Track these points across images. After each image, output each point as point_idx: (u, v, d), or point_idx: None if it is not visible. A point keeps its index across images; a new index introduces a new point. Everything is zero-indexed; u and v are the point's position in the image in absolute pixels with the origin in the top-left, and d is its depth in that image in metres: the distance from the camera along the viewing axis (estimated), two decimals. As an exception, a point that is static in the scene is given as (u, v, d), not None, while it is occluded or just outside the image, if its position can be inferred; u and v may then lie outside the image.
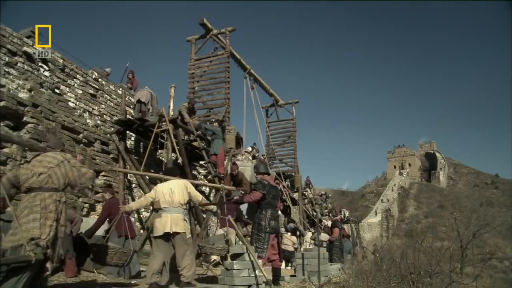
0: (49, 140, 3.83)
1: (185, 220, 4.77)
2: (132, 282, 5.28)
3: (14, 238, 2.89)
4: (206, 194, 11.26)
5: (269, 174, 5.65)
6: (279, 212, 6.44)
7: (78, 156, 4.36)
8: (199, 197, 4.98)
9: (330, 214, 14.50)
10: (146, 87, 9.02)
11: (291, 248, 10.01)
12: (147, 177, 8.85)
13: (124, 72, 10.57)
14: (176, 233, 4.50)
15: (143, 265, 6.66)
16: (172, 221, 4.50)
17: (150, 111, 8.69)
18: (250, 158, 14.39)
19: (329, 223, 13.13)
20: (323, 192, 22.09)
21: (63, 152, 3.49)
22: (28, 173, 3.10)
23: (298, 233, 11.92)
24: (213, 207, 6.34)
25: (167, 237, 4.55)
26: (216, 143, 9.61)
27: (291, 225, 11.03)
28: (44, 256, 2.93)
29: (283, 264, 9.96)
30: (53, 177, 3.18)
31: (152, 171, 9.41)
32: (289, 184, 16.01)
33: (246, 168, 11.03)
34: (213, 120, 10.68)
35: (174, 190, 4.66)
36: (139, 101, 8.58)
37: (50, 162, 3.23)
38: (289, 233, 10.78)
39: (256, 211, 5.41)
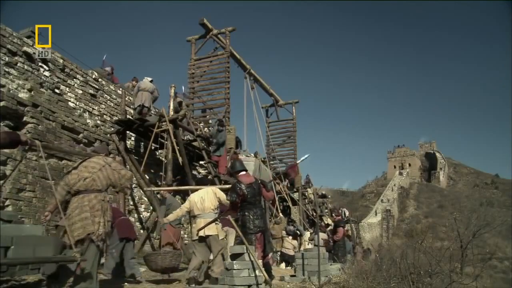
0: (96, 147, 4.37)
1: (216, 223, 5.38)
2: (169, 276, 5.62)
3: (73, 233, 3.33)
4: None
5: (246, 171, 5.41)
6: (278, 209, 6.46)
7: (116, 158, 4.69)
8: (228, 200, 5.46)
9: (333, 214, 14.50)
10: (149, 78, 9.04)
11: (291, 252, 9.98)
12: (147, 177, 8.86)
13: (102, 65, 9.98)
14: (209, 236, 5.22)
15: (143, 265, 6.67)
16: (203, 224, 5.19)
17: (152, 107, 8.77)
18: (252, 154, 14.38)
19: (326, 223, 13.16)
20: (323, 192, 22.08)
21: (105, 157, 3.91)
22: (75, 178, 3.53)
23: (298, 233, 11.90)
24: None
25: (203, 239, 5.26)
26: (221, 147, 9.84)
27: (291, 228, 10.99)
28: (97, 248, 3.40)
29: (283, 265, 9.97)
30: (97, 180, 3.59)
31: (152, 171, 9.43)
32: (288, 184, 16.00)
33: (249, 163, 11.06)
34: (216, 123, 10.63)
35: (204, 198, 5.36)
36: (141, 105, 8.65)
37: (93, 167, 3.63)
38: (290, 237, 10.75)
39: (239, 213, 5.21)
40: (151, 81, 8.99)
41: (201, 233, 5.20)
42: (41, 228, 4.33)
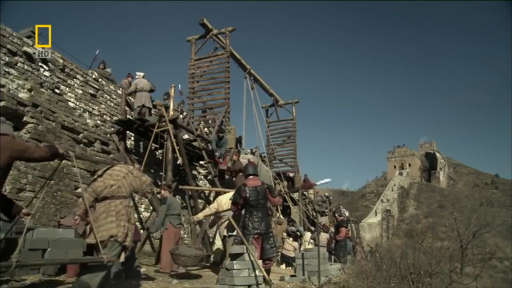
0: (115, 155, 4.70)
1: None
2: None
3: (97, 235, 3.62)
4: (206, 194, 11.26)
5: (256, 175, 5.58)
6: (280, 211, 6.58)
7: (135, 165, 5.06)
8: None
9: (336, 214, 14.49)
10: (141, 74, 9.05)
11: (292, 254, 9.98)
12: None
13: (93, 59, 9.74)
14: (227, 236, 5.99)
15: (143, 265, 6.67)
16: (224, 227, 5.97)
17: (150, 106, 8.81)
18: (249, 150, 14.40)
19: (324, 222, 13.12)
20: (326, 194, 22.06)
21: (126, 164, 4.23)
22: (102, 185, 3.86)
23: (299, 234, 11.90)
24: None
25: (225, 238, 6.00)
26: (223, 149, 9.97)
27: (293, 228, 10.98)
28: (122, 248, 3.75)
29: (283, 265, 9.96)
30: (122, 187, 3.93)
31: (152, 171, 9.42)
32: (289, 184, 16.00)
33: (245, 161, 11.12)
34: (216, 133, 10.67)
35: (227, 203, 5.83)
36: (141, 106, 8.67)
37: (118, 175, 3.96)
38: (291, 238, 10.74)
39: (242, 216, 5.40)
40: (143, 77, 9.00)
41: (225, 233, 5.86)
42: (73, 231, 4.57)
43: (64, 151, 3.69)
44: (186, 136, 9.94)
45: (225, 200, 5.86)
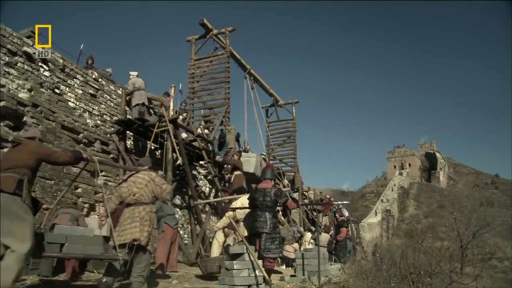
0: (141, 160, 4.93)
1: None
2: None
3: (121, 238, 3.97)
4: (206, 194, 11.26)
5: (271, 179, 5.89)
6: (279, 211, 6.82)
7: (158, 172, 5.29)
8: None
9: (337, 215, 14.47)
10: (134, 73, 9.09)
11: (292, 255, 9.99)
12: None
13: (79, 54, 9.39)
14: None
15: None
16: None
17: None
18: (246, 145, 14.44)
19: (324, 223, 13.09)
20: (327, 196, 21.98)
21: (150, 172, 4.46)
22: (126, 192, 4.19)
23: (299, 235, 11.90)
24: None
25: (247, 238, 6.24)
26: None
27: (294, 229, 10.98)
28: (147, 252, 4.08)
29: (283, 266, 9.96)
30: (144, 195, 4.23)
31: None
32: (289, 184, 16.00)
33: (251, 159, 11.15)
34: (219, 135, 10.73)
35: (245, 204, 6.32)
36: (141, 104, 8.68)
37: (140, 183, 4.25)
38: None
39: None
40: (137, 76, 9.09)
41: (246, 233, 6.10)
42: (93, 230, 4.92)
43: (88, 156, 3.91)
44: (185, 135, 9.94)
45: (239, 205, 6.33)
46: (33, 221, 3.14)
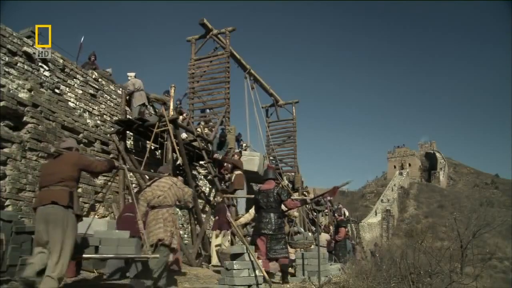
0: (160, 168, 5.28)
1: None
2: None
3: (149, 240, 4.33)
4: (206, 194, 11.26)
5: (273, 179, 5.90)
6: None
7: (178, 177, 5.66)
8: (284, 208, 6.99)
9: (336, 214, 14.48)
10: (132, 74, 9.12)
11: (293, 256, 10.00)
12: (147, 177, 8.85)
13: (79, 48, 9.27)
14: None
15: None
16: None
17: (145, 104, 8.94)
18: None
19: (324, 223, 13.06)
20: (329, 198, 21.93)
21: (171, 176, 4.85)
22: (150, 195, 4.51)
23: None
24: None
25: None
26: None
27: (294, 229, 10.97)
28: (169, 250, 4.44)
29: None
30: (167, 198, 4.55)
31: (151, 170, 9.42)
32: (288, 184, 15.99)
33: (254, 158, 11.17)
34: (220, 134, 10.76)
35: None
36: (141, 104, 8.70)
37: (164, 187, 4.58)
38: None
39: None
40: (135, 76, 9.16)
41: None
42: (128, 232, 5.24)
43: (119, 165, 4.46)
44: (185, 135, 9.94)
45: None
46: (77, 228, 3.63)
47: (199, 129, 11.12)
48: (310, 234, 11.72)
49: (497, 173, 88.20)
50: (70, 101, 7.56)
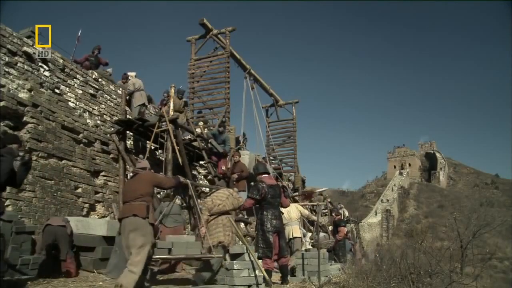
0: (218, 182, 6.44)
1: (300, 229, 7.78)
2: None
3: (210, 241, 4.97)
4: (207, 194, 11.26)
5: (268, 174, 5.68)
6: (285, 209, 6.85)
7: (234, 189, 6.48)
8: (306, 212, 8.02)
9: (333, 213, 14.45)
10: (133, 73, 9.13)
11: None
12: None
13: (77, 41, 9.03)
14: (296, 237, 7.34)
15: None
16: (292, 230, 7.33)
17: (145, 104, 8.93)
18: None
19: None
20: (329, 200, 21.92)
21: (227, 188, 5.89)
22: (211, 204, 5.26)
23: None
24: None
25: (290, 240, 7.09)
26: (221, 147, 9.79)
27: (323, 235, 10.95)
28: (226, 251, 5.15)
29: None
30: (226, 206, 5.29)
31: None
32: (288, 184, 15.99)
33: (244, 156, 11.12)
34: (217, 129, 10.64)
35: (291, 211, 7.35)
36: (141, 104, 8.72)
37: (222, 197, 5.35)
38: None
39: (258, 213, 5.46)
40: (135, 76, 9.18)
41: (290, 236, 7.08)
42: (194, 237, 5.74)
43: (184, 180, 5.13)
44: (188, 136, 9.94)
45: (285, 210, 6.80)
46: (152, 234, 4.34)
47: (198, 129, 11.11)
48: (310, 234, 11.71)
49: (497, 173, 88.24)
50: (70, 101, 7.56)
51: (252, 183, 6.45)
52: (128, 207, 4.26)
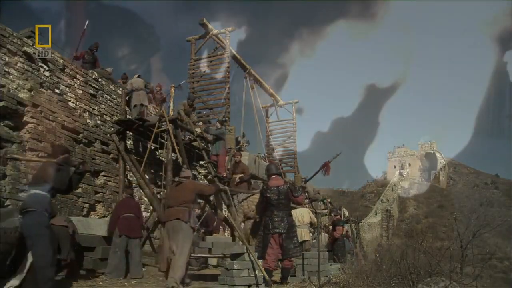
0: (255, 186, 6.91)
1: (310, 232, 8.46)
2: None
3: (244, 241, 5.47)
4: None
5: (279, 175, 5.74)
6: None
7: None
8: (315, 220, 8.08)
9: (332, 214, 14.44)
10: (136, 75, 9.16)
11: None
12: (147, 177, 8.87)
13: (81, 34, 9.20)
14: (305, 240, 7.81)
15: (146, 265, 6.68)
16: (303, 233, 7.69)
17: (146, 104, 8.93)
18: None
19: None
20: (329, 200, 21.90)
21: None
22: (247, 207, 6.00)
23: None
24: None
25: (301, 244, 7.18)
26: (218, 144, 9.54)
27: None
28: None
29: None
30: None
31: (152, 171, 9.42)
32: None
33: (243, 157, 11.09)
34: (216, 121, 10.64)
35: (303, 214, 8.01)
36: (139, 105, 8.72)
37: (255, 201, 5.83)
38: None
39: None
40: (139, 76, 9.14)
41: (300, 239, 7.05)
42: (230, 238, 6.44)
43: (222, 187, 5.89)
44: (188, 136, 9.94)
45: (297, 214, 7.41)
46: (192, 236, 4.92)
47: (198, 129, 11.11)
48: (310, 234, 11.71)
49: (497, 173, 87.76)
50: (70, 101, 7.56)
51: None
52: (172, 212, 4.84)
